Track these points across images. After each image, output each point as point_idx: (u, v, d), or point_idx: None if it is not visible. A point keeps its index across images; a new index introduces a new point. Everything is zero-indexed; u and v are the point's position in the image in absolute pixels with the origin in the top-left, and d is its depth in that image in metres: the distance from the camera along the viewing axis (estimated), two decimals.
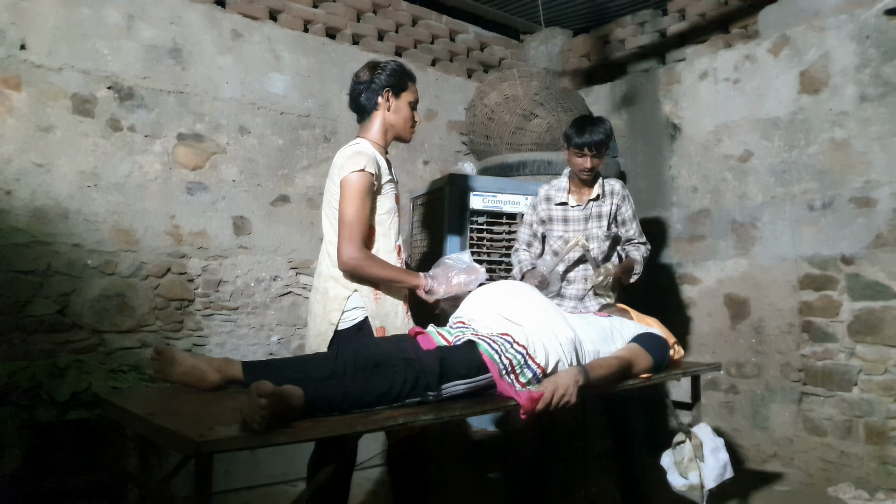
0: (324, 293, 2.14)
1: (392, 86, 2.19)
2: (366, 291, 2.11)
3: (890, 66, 3.23)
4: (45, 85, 2.94)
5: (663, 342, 2.26)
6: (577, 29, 4.98)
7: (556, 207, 2.85)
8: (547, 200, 2.87)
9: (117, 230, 3.09)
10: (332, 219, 2.16)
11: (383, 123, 2.21)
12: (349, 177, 2.05)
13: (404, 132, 2.26)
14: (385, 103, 2.20)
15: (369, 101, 2.20)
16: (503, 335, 1.84)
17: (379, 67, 2.22)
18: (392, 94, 2.20)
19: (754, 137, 3.72)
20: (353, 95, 2.24)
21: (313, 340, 2.14)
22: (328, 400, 1.51)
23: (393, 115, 2.21)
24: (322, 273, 2.19)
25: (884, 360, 3.18)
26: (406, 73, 2.25)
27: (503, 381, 1.75)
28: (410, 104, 2.24)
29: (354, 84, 2.23)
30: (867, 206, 3.27)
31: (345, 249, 2.04)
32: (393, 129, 2.24)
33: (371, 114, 2.21)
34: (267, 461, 3.12)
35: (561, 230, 2.83)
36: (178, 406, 1.57)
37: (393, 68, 2.22)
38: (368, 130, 2.22)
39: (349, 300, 2.10)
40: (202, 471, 1.24)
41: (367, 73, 2.22)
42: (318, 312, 2.14)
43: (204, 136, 3.36)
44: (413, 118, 2.26)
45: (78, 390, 2.38)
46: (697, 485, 2.28)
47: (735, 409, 3.74)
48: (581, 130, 2.68)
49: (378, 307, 2.12)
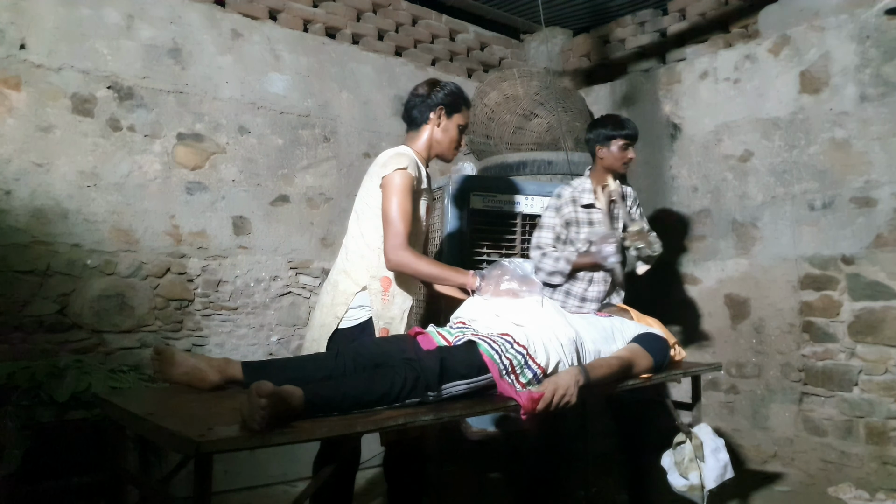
0: (334, 285, 2.18)
1: (447, 105, 2.26)
2: (375, 291, 2.12)
3: (890, 65, 3.23)
4: (45, 85, 2.94)
5: (664, 342, 2.25)
6: (578, 29, 4.97)
7: (583, 210, 2.83)
8: (573, 203, 2.85)
9: (117, 230, 3.08)
10: (359, 213, 2.20)
11: (430, 138, 2.28)
12: (392, 175, 2.09)
13: (447, 152, 2.32)
14: (436, 119, 2.26)
15: (421, 115, 2.27)
16: (503, 335, 1.84)
17: (438, 85, 2.29)
18: (445, 112, 2.26)
19: (754, 137, 3.72)
20: (408, 107, 2.31)
21: (316, 331, 2.15)
22: (328, 400, 1.50)
23: (441, 132, 2.28)
24: (336, 265, 2.22)
25: (884, 360, 3.18)
26: (463, 97, 2.32)
27: (503, 381, 1.75)
28: (459, 127, 2.31)
29: (411, 96, 2.31)
30: (867, 206, 3.26)
31: (391, 246, 2.05)
32: (438, 146, 2.30)
33: (420, 127, 2.28)
34: (267, 461, 3.11)
35: (587, 232, 2.82)
36: (177, 406, 1.57)
37: (451, 89, 2.29)
38: (414, 141, 2.29)
39: (356, 297, 2.12)
40: (202, 471, 1.24)
41: (426, 88, 2.29)
42: (326, 303, 2.17)
43: (203, 136, 3.36)
44: (459, 141, 2.33)
45: (78, 390, 2.37)
46: (698, 485, 2.28)
47: (735, 410, 3.74)
48: (623, 124, 2.79)
49: (384, 309, 2.12)
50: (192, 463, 1.25)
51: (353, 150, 3.89)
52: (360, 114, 3.94)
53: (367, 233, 2.16)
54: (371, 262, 2.14)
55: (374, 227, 2.14)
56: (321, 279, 3.68)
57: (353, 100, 3.93)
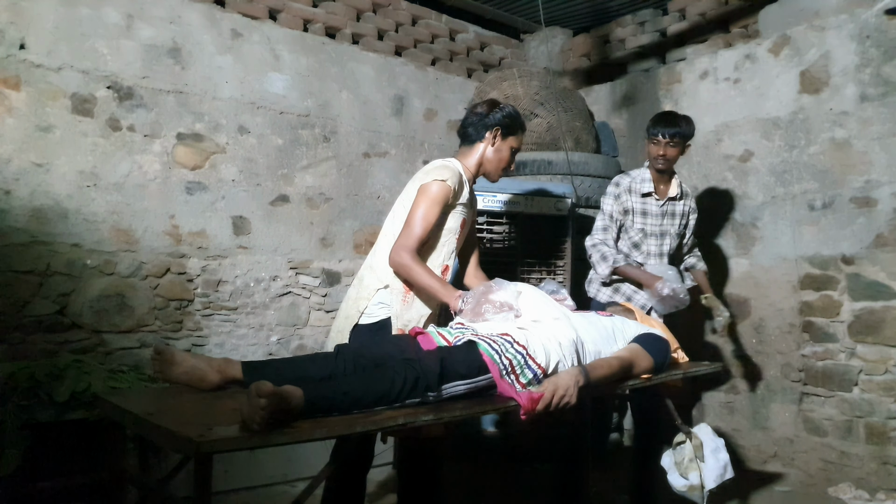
0: (360, 279, 2.24)
1: (503, 126, 2.29)
2: (397, 290, 2.14)
3: (890, 65, 3.23)
4: (45, 85, 2.94)
5: (665, 343, 2.25)
6: (578, 28, 4.97)
7: (639, 199, 2.92)
8: (630, 192, 2.94)
9: (117, 230, 3.08)
10: (396, 214, 2.25)
11: (481, 156, 2.31)
12: (429, 183, 2.14)
13: (494, 172, 2.35)
14: (491, 139, 2.29)
15: (477, 133, 2.30)
16: (503, 335, 1.84)
17: (498, 106, 2.32)
18: (501, 133, 2.29)
19: (755, 137, 3.72)
20: (465, 123, 2.34)
21: (341, 321, 2.19)
22: (329, 400, 1.51)
23: (493, 152, 2.31)
24: (366, 261, 2.28)
25: (884, 361, 3.18)
26: (520, 122, 2.35)
27: (503, 381, 1.75)
28: (512, 150, 2.34)
29: (470, 113, 2.35)
30: (868, 206, 3.26)
31: (397, 248, 2.09)
32: (487, 165, 2.33)
33: (474, 144, 2.32)
34: (267, 461, 3.11)
35: (640, 222, 2.92)
36: (177, 406, 1.57)
37: (510, 112, 2.32)
38: (466, 156, 2.32)
39: (377, 293, 2.15)
40: (202, 471, 1.24)
41: (486, 107, 2.32)
42: (352, 296, 2.22)
43: (203, 136, 3.36)
44: (509, 164, 2.36)
45: (77, 390, 2.37)
46: (698, 485, 2.28)
47: (735, 410, 3.74)
48: (658, 119, 2.88)
49: (403, 310, 2.14)
50: (192, 463, 1.25)
51: (352, 150, 3.89)
52: (360, 114, 3.94)
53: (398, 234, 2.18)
54: None
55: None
56: (321, 279, 3.68)
57: (352, 100, 3.92)
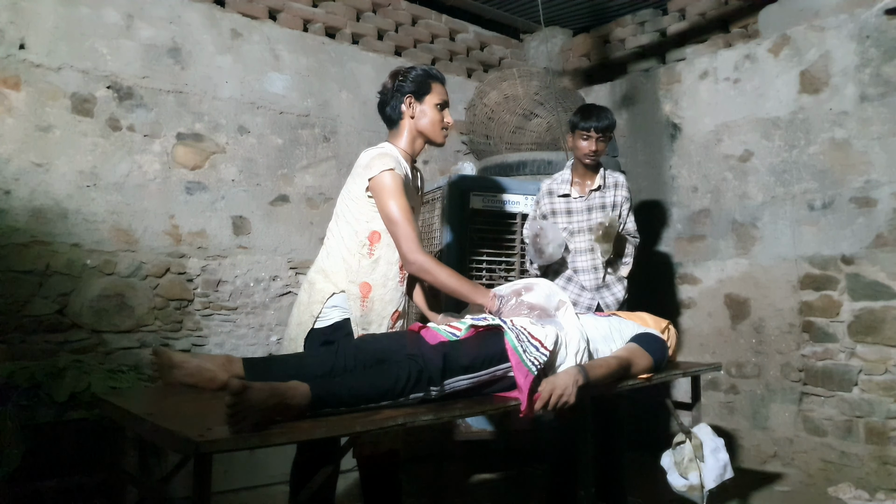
0: (311, 284, 2.11)
1: (413, 91, 2.14)
2: (353, 296, 2.04)
3: (890, 65, 3.23)
4: (45, 84, 2.94)
5: (662, 342, 2.25)
6: (577, 28, 4.97)
7: (559, 200, 2.88)
8: (549, 194, 2.91)
9: (116, 230, 3.08)
10: (339, 215, 2.13)
11: (411, 131, 2.17)
12: (381, 176, 1.99)
13: (434, 135, 2.18)
14: (409, 110, 2.15)
15: (394, 111, 2.16)
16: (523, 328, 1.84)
17: (400, 75, 2.17)
18: (414, 99, 2.14)
19: (754, 137, 3.72)
20: (380, 106, 2.20)
21: (293, 329, 2.09)
22: (336, 395, 1.52)
23: (419, 120, 2.15)
24: (316, 264, 2.15)
25: (884, 360, 3.18)
26: (429, 75, 2.18)
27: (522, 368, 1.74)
28: (437, 106, 2.16)
29: (380, 94, 2.20)
30: (867, 206, 3.26)
31: (408, 251, 1.96)
32: (422, 136, 2.18)
33: (398, 123, 2.17)
34: (266, 461, 3.11)
35: (565, 222, 2.86)
36: (177, 406, 1.57)
37: (414, 75, 2.16)
38: (397, 138, 2.18)
39: (332, 298, 2.05)
40: (201, 471, 1.24)
41: (390, 81, 2.17)
42: (304, 301, 2.11)
43: (203, 136, 3.36)
44: (442, 120, 2.18)
45: (77, 390, 2.37)
46: (697, 485, 2.28)
47: (735, 410, 3.74)
48: (587, 114, 2.78)
49: (363, 316, 2.05)
50: (192, 463, 1.25)
51: (352, 150, 3.89)
52: (360, 113, 3.94)
53: (346, 236, 2.08)
54: (351, 266, 2.06)
55: (353, 231, 2.07)
56: None
57: (352, 99, 3.92)
